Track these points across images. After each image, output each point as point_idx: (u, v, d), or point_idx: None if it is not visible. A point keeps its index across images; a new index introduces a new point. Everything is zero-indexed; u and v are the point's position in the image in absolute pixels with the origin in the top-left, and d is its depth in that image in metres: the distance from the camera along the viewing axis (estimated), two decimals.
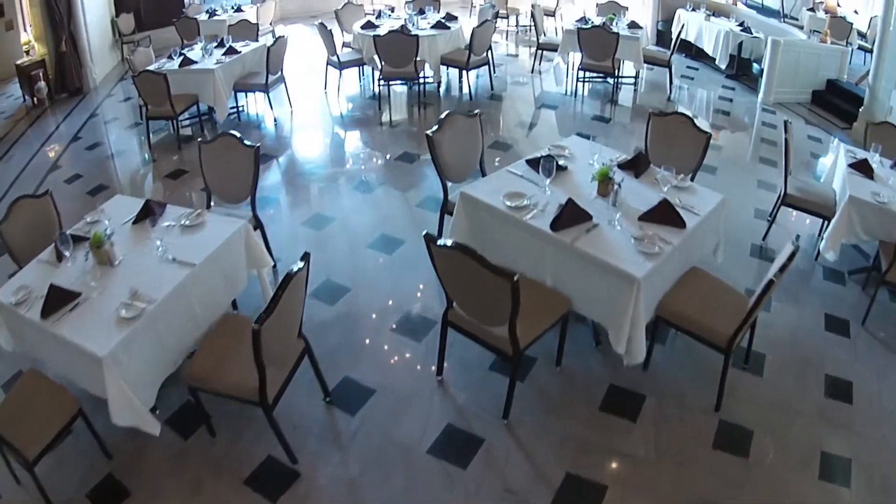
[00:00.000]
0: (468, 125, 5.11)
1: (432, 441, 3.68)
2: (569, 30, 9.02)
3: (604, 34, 8.24)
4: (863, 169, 5.11)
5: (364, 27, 8.93)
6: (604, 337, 4.03)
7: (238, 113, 8.44)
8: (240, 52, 8.20)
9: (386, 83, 8.57)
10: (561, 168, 4.46)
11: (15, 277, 3.70)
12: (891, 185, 4.97)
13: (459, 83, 9.31)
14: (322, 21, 8.94)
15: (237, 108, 8.47)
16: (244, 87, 8.22)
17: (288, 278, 3.07)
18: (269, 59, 7.84)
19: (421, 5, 9.89)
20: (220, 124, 7.98)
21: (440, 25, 8.83)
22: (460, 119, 5.05)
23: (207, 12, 11.59)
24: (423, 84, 8.69)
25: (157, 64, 7.85)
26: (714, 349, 3.74)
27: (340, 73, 9.02)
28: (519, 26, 12.54)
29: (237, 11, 11.68)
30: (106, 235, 3.63)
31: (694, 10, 10.84)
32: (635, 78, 9.46)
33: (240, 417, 3.74)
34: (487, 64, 9.01)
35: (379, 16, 9.59)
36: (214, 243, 3.85)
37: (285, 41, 8.24)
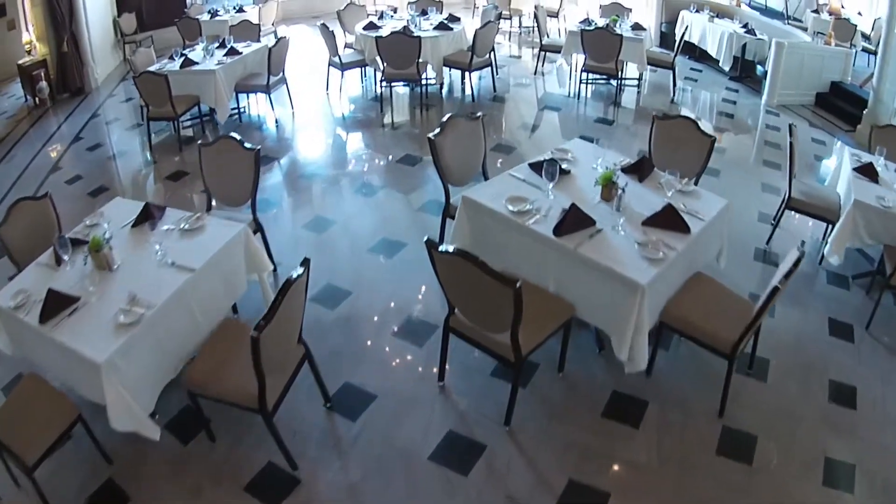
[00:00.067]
0: (470, 128, 5.07)
1: (433, 447, 3.65)
2: (572, 31, 8.98)
3: (607, 36, 8.20)
4: (868, 173, 5.09)
5: (366, 28, 8.90)
6: (607, 343, 4.00)
7: (239, 114, 8.41)
8: (241, 53, 8.17)
9: (388, 84, 8.54)
10: (564, 172, 4.43)
11: (14, 281, 3.69)
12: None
13: (462, 85, 9.29)
14: (324, 22, 8.90)
15: (238, 110, 8.43)
16: (245, 88, 8.18)
17: (287, 285, 3.04)
18: (271, 60, 7.81)
19: (423, 6, 9.84)
20: (222, 125, 7.95)
21: (443, 27, 8.80)
22: (462, 122, 5.02)
23: (209, 12, 11.56)
24: (426, 85, 8.66)
25: (159, 64, 7.82)
26: (718, 355, 3.71)
27: (342, 75, 8.98)
28: (522, 27, 12.48)
29: (239, 12, 11.64)
30: (105, 239, 3.60)
31: (698, 12, 10.79)
32: (639, 80, 9.43)
33: (240, 423, 3.71)
34: (490, 65, 8.96)
35: (381, 17, 9.55)
36: (214, 248, 3.83)
37: (287, 42, 8.21)
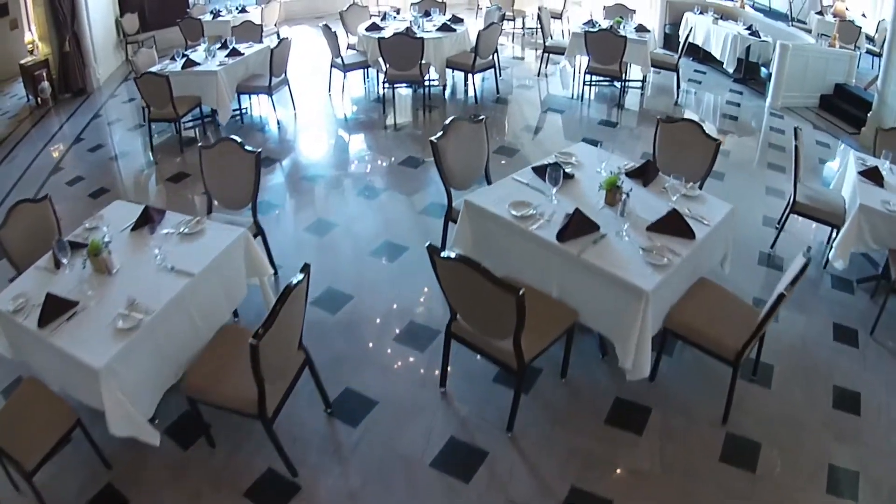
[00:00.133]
0: (473, 131, 5.03)
1: (435, 454, 3.62)
2: (576, 33, 8.94)
3: (611, 37, 8.17)
4: (873, 177, 5.05)
5: (369, 29, 8.86)
6: (610, 348, 3.98)
7: (241, 115, 8.38)
8: (243, 54, 8.14)
9: (390, 86, 8.50)
10: (568, 176, 4.39)
11: (12, 284, 3.67)
12: None
13: (465, 86, 9.25)
14: (326, 23, 8.87)
15: (240, 111, 8.40)
16: (247, 90, 8.15)
17: (287, 291, 3.01)
18: (273, 61, 7.77)
19: (426, 7, 9.81)
20: (223, 127, 7.93)
21: (446, 28, 8.76)
22: (465, 125, 4.98)
23: (212, 13, 11.56)
24: (428, 87, 8.62)
25: (160, 65, 7.81)
26: (722, 362, 3.68)
27: (345, 76, 8.96)
28: (525, 29, 12.45)
29: (241, 12, 11.62)
30: (104, 243, 3.58)
31: (702, 14, 10.76)
32: (642, 82, 9.39)
33: (240, 428, 3.69)
34: (493, 67, 8.92)
35: (384, 17, 9.50)
36: (213, 252, 3.79)
37: (289, 43, 8.18)
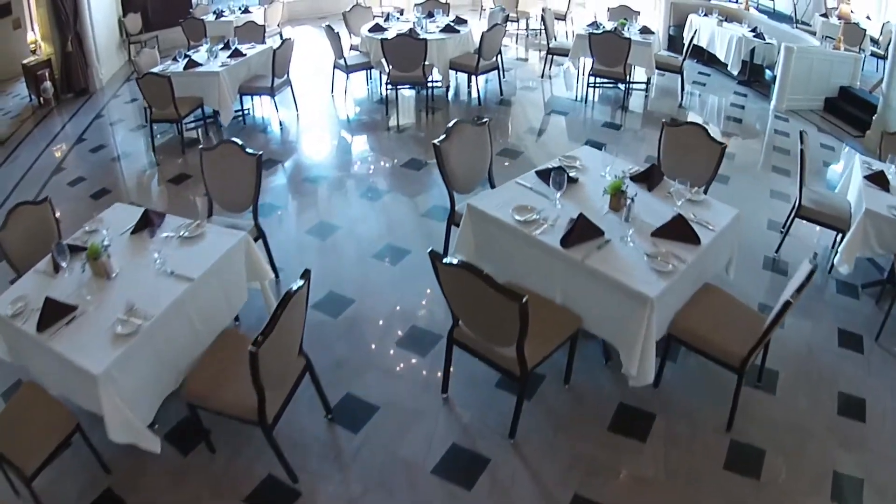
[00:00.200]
0: (476, 134, 4.99)
1: (437, 461, 3.59)
2: (580, 34, 8.90)
3: (615, 39, 8.12)
4: (879, 181, 5.01)
5: (372, 30, 8.82)
6: (614, 354, 3.95)
7: (243, 116, 8.35)
8: (245, 55, 8.13)
9: (393, 87, 8.47)
10: (572, 180, 4.35)
11: (11, 288, 3.64)
12: None
13: (468, 88, 9.21)
14: (329, 23, 8.84)
15: (242, 112, 8.36)
16: (250, 91, 8.12)
17: (287, 297, 2.97)
18: (275, 62, 7.73)
19: (430, 8, 9.78)
20: (225, 128, 7.91)
21: (449, 29, 8.73)
22: (468, 128, 4.93)
23: (215, 13, 11.54)
24: (432, 88, 8.58)
25: (162, 66, 7.79)
26: (727, 369, 3.64)
27: (347, 77, 8.91)
28: (529, 30, 12.40)
29: (244, 12, 11.60)
30: (103, 247, 3.56)
31: (706, 16, 10.71)
32: (646, 84, 9.34)
33: (240, 434, 3.65)
34: (497, 68, 8.87)
35: (387, 18, 9.47)
36: (213, 256, 3.76)
37: (292, 44, 8.13)
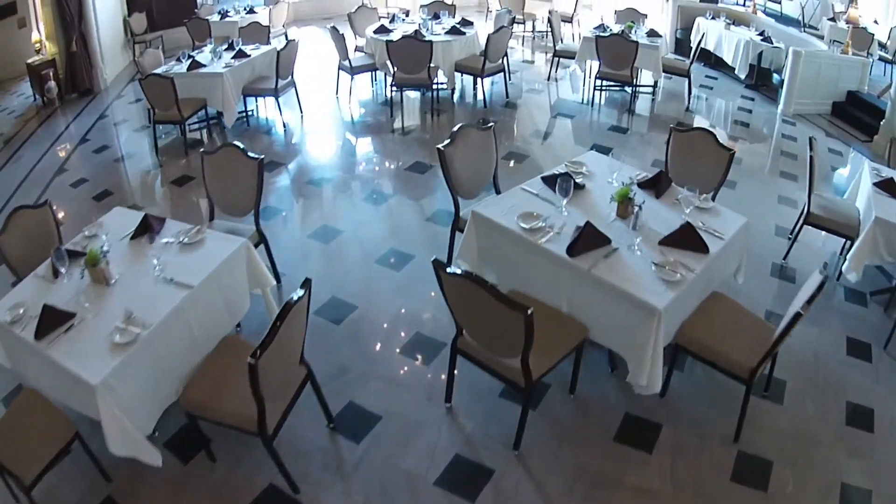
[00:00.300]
0: (481, 138, 4.92)
1: (440, 472, 3.54)
2: (587, 37, 8.82)
3: (623, 42, 8.05)
4: (888, 188, 4.94)
5: (377, 31, 8.77)
6: (619, 363, 3.89)
7: (247, 117, 8.29)
8: (249, 56, 8.07)
9: (398, 89, 8.40)
10: (578, 187, 4.29)
11: (10, 294, 3.60)
12: None
13: (474, 90, 9.14)
14: (334, 25, 8.78)
15: (246, 113, 8.30)
16: (253, 92, 8.06)
17: (287, 307, 2.92)
18: (280, 64, 7.67)
19: (435, 10, 9.70)
20: (229, 129, 7.87)
21: (455, 31, 8.65)
22: (473, 132, 4.87)
23: (219, 13, 11.49)
24: (437, 91, 8.50)
25: (166, 66, 7.75)
26: (735, 380, 3.58)
27: (352, 78, 8.85)
28: (535, 32, 12.32)
29: (249, 13, 11.55)
30: (102, 253, 3.51)
31: (714, 19, 10.62)
32: (653, 87, 9.27)
33: (240, 443, 3.60)
34: (503, 71, 8.79)
35: (393, 20, 9.40)
36: (213, 263, 3.70)
37: (296, 45, 8.08)
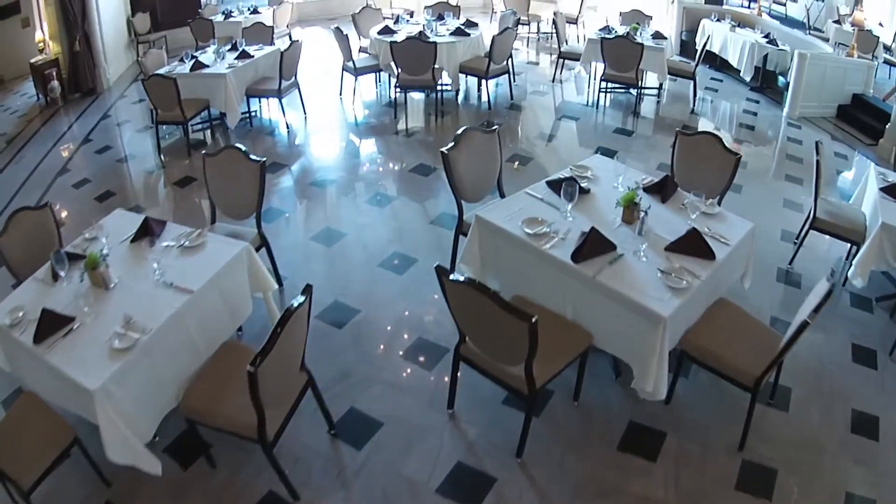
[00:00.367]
0: (486, 141, 4.88)
1: (441, 479, 3.50)
2: (592, 39, 8.77)
3: (628, 45, 8.00)
4: (895, 193, 4.89)
5: (381, 32, 8.72)
6: (624, 370, 3.85)
7: (250, 118, 8.26)
8: (253, 57, 8.03)
9: (402, 91, 8.36)
10: (583, 191, 4.24)
11: (10, 297, 3.58)
12: None
13: (478, 92, 9.09)
14: (338, 25, 8.74)
15: (249, 114, 8.28)
16: (257, 93, 8.03)
17: (288, 315, 2.88)
18: (283, 65, 7.63)
19: (440, 11, 9.65)
20: (232, 130, 7.84)
21: (459, 32, 8.62)
22: (478, 135, 4.82)
23: (223, 13, 11.46)
24: (441, 92, 8.45)
25: (169, 67, 7.71)
26: (740, 388, 3.54)
27: (356, 79, 8.82)
28: (540, 34, 12.28)
29: (253, 13, 11.52)
30: (102, 256, 3.48)
31: (719, 21, 10.56)
32: (658, 89, 9.22)
33: (241, 449, 3.56)
34: (507, 72, 8.75)
35: (397, 21, 9.36)
36: (214, 268, 3.67)
37: (300, 46, 8.03)
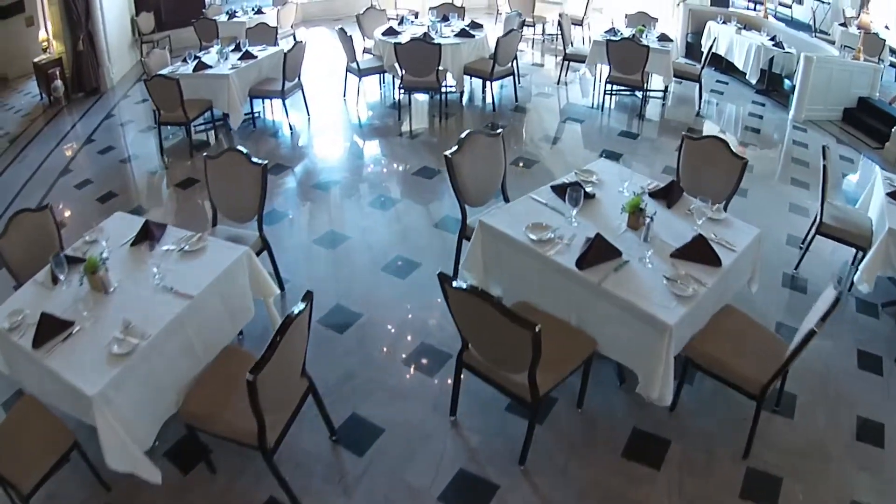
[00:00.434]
0: (490, 145, 4.83)
1: (443, 486, 3.47)
2: (597, 41, 8.74)
3: (633, 47, 7.96)
4: None
5: (385, 33, 8.70)
6: (629, 376, 3.81)
7: (253, 119, 8.23)
8: (256, 57, 8.00)
9: (407, 92, 8.33)
10: (588, 196, 4.19)
11: (10, 300, 3.55)
12: None
13: (483, 93, 9.05)
14: (342, 26, 8.71)
15: (252, 115, 8.24)
16: (260, 94, 8.00)
17: (288, 322, 2.84)
18: (286, 66, 7.59)
19: (445, 12, 9.63)
20: (235, 131, 7.81)
21: (464, 33, 8.58)
22: (482, 139, 4.78)
23: (227, 13, 11.45)
24: (446, 94, 8.41)
25: (172, 67, 7.69)
26: (745, 396, 3.50)
27: (360, 81, 8.79)
28: (545, 35, 12.24)
29: (257, 13, 11.51)
30: (101, 260, 3.45)
31: (725, 23, 10.52)
32: (664, 92, 9.18)
33: (241, 454, 3.51)
34: (512, 74, 8.71)
35: (401, 22, 9.33)
36: (214, 273, 3.63)
37: (303, 47, 7.99)
